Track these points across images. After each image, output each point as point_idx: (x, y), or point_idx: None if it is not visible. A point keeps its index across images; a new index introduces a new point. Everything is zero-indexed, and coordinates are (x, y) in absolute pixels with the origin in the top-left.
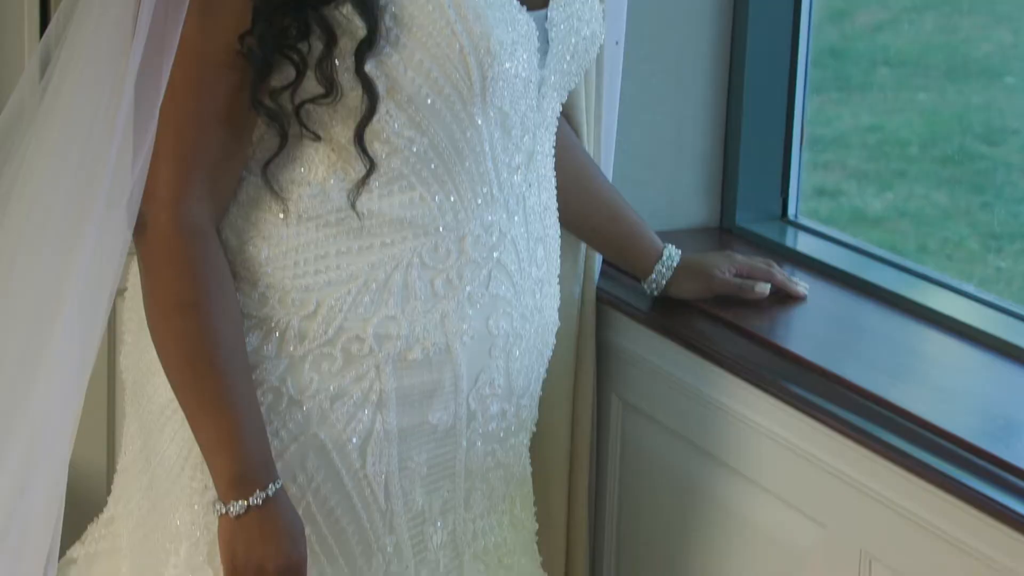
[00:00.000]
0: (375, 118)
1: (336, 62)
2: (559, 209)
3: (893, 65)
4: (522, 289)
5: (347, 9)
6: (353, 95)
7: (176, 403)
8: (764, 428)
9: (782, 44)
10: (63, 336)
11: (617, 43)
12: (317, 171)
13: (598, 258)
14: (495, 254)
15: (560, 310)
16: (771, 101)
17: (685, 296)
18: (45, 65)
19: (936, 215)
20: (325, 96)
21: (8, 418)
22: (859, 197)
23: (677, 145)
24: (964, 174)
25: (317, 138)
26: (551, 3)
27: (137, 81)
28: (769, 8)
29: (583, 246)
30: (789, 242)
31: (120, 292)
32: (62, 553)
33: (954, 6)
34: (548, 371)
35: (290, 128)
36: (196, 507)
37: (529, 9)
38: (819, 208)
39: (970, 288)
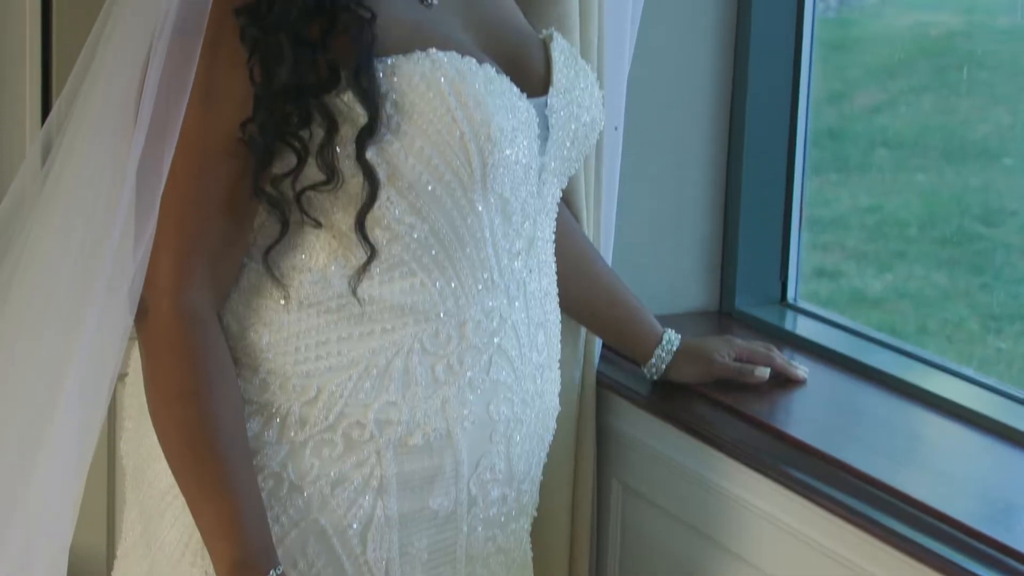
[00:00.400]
0: (376, 205)
1: (337, 149)
2: (559, 294)
3: (891, 146)
4: (523, 374)
5: (348, 97)
6: (354, 182)
7: (177, 489)
8: (765, 512)
9: (780, 126)
10: (64, 421)
11: (616, 128)
12: (318, 258)
13: (598, 342)
14: (496, 339)
15: (560, 395)
16: (770, 183)
17: (685, 380)
18: (46, 152)
19: (936, 296)
20: (326, 183)
21: (8, 503)
22: (859, 278)
23: (676, 229)
24: (963, 255)
25: (318, 225)
26: (551, 90)
27: (139, 168)
28: (767, 90)
29: (583, 330)
30: (789, 326)
31: (121, 378)
32: None
33: (952, 88)
34: (548, 455)
35: (291, 215)
36: None
37: (529, 96)
38: (819, 289)
39: (969, 371)
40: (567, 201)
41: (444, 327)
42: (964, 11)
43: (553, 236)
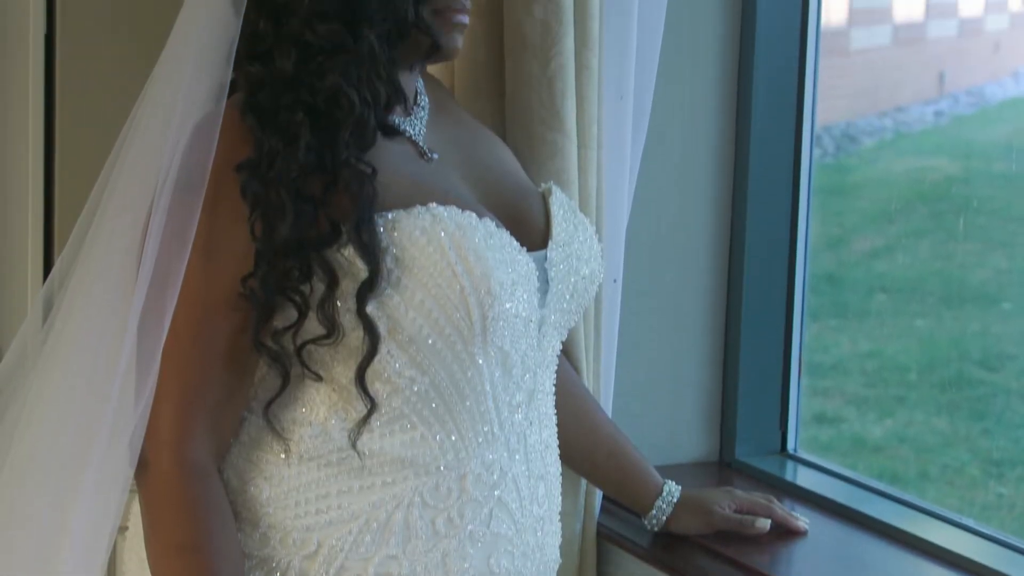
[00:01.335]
0: (376, 358)
1: (338, 303)
2: (559, 446)
3: (890, 291)
4: (523, 527)
5: (348, 251)
6: (354, 335)
7: None
8: None
9: (779, 272)
10: (64, 573)
11: (615, 281)
12: (319, 411)
13: (599, 494)
14: (496, 492)
15: (561, 547)
16: (769, 330)
17: (686, 532)
18: (48, 309)
19: (936, 441)
20: (327, 337)
21: None
22: (859, 424)
23: (676, 379)
24: (963, 400)
25: (319, 378)
26: (550, 243)
27: (140, 322)
28: (765, 236)
29: (583, 482)
30: (789, 476)
31: (121, 530)
32: None
33: (949, 233)
34: None
35: (292, 368)
36: None
37: (529, 249)
38: (819, 435)
39: (970, 521)
40: (567, 353)
41: (444, 480)
42: (961, 157)
43: (553, 388)
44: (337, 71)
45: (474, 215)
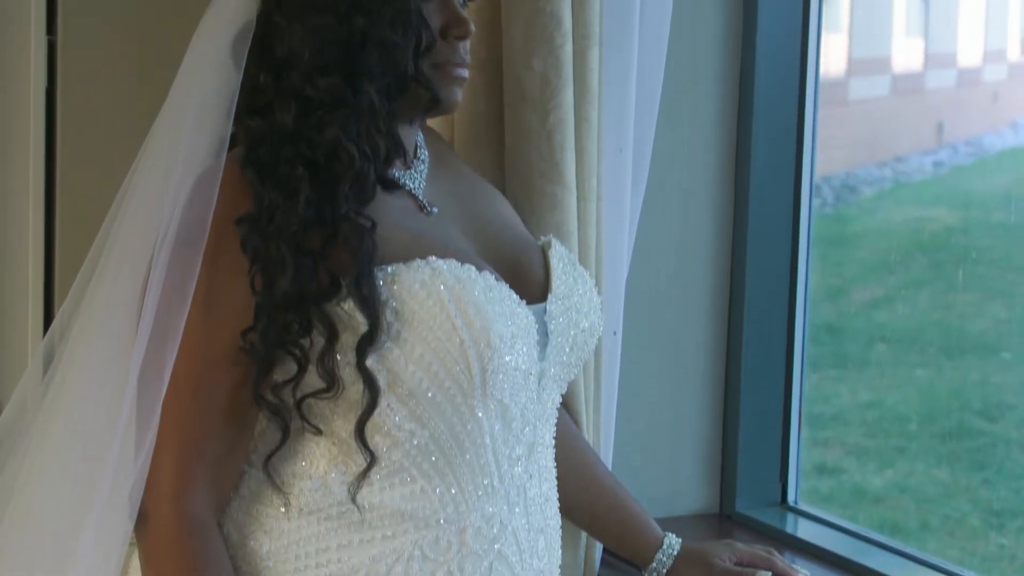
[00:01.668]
0: (376, 411)
1: (338, 357)
2: (559, 498)
3: (890, 341)
4: None
5: (348, 305)
6: (354, 389)
7: None
8: None
9: (778, 322)
10: None
11: (615, 333)
12: (318, 465)
13: (599, 547)
14: (496, 546)
15: None
16: (769, 380)
17: None
18: (48, 361)
19: (937, 492)
20: (327, 390)
21: None
22: (859, 474)
23: (676, 432)
24: (964, 450)
25: (319, 432)
26: (550, 296)
27: (140, 375)
28: (765, 286)
29: (584, 535)
30: (789, 528)
31: None
32: None
33: (949, 283)
34: None
35: (292, 422)
36: None
37: (528, 302)
38: (819, 486)
39: (971, 574)
40: (567, 406)
41: (444, 533)
42: (960, 207)
43: (553, 441)
44: (337, 125)
45: (473, 268)
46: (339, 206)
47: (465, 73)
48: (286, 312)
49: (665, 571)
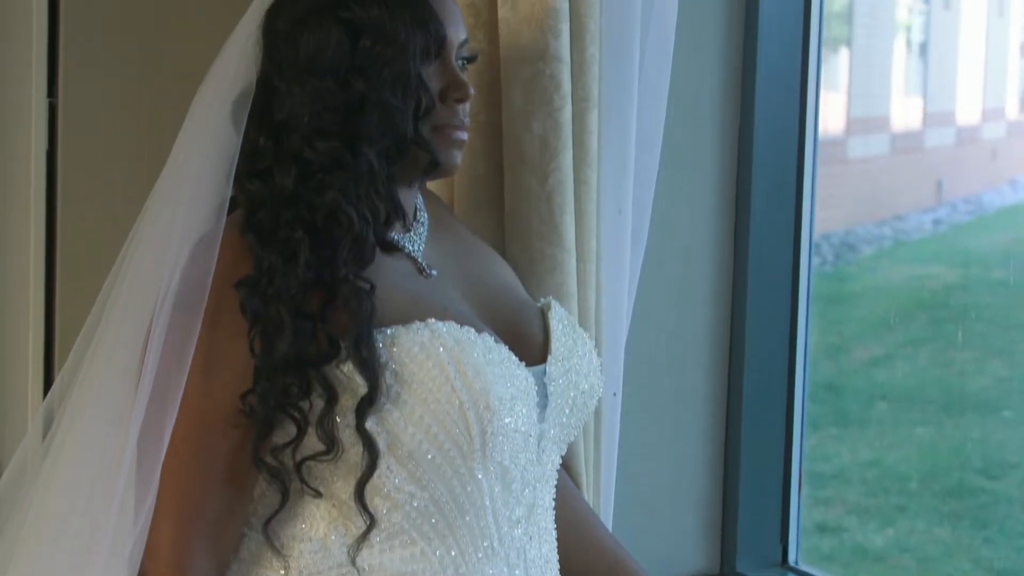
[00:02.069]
0: (376, 474)
1: (337, 419)
2: (559, 560)
3: (890, 400)
4: None
5: (348, 367)
6: (354, 451)
7: None
8: None
9: (778, 380)
10: None
11: (615, 394)
12: (318, 527)
13: None
14: None
15: None
16: (769, 440)
17: None
18: (48, 425)
19: (938, 551)
20: (326, 453)
21: None
22: (860, 533)
23: (676, 492)
24: (965, 509)
25: (318, 494)
26: (549, 358)
27: (139, 438)
28: (764, 345)
29: None
30: None
31: None
32: None
33: (949, 341)
34: None
35: (291, 484)
36: None
37: (528, 364)
38: (820, 545)
39: None
40: (567, 467)
41: None
42: (959, 264)
43: (553, 503)
44: (336, 188)
45: (472, 330)
46: (338, 269)
47: (464, 136)
48: (285, 375)
49: None
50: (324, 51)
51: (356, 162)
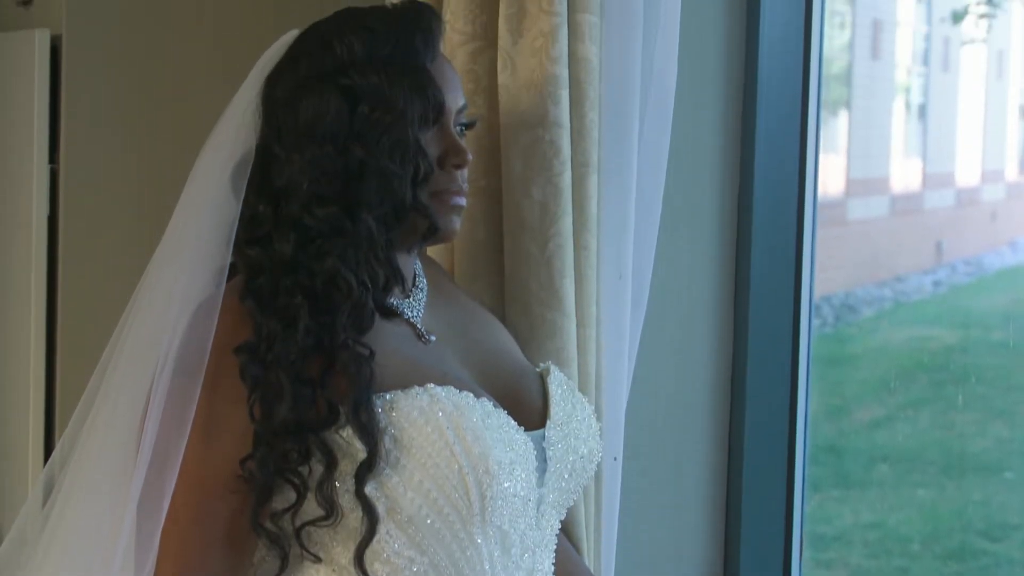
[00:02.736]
0: (375, 539)
1: (336, 484)
2: None
3: (892, 461)
4: None
5: (347, 433)
6: (353, 516)
7: None
8: None
9: (779, 443)
10: None
11: (615, 459)
12: None
13: None
14: None
15: None
16: (770, 503)
17: None
18: (48, 491)
19: None
20: (326, 518)
21: None
22: None
23: (677, 556)
24: (967, 571)
25: (318, 560)
26: (548, 423)
27: (139, 504)
28: (765, 407)
29: None
30: None
31: None
32: None
33: (949, 402)
34: None
35: (290, 549)
36: None
37: (527, 429)
38: None
39: None
40: (566, 531)
41: None
42: (959, 326)
43: (553, 567)
44: (335, 254)
45: (471, 395)
46: (338, 335)
47: (463, 201)
48: (285, 440)
49: None
50: (323, 117)
51: (355, 228)
